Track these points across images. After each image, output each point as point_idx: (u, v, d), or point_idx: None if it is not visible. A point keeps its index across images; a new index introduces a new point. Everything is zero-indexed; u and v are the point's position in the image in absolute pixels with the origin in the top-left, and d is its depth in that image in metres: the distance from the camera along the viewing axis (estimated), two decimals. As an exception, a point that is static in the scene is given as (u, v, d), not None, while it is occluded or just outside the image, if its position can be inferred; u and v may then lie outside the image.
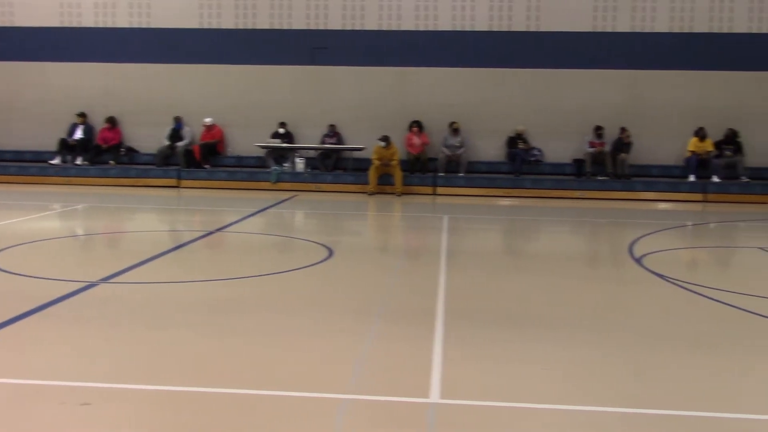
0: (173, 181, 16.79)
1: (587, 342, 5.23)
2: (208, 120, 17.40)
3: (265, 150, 17.20)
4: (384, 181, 16.26)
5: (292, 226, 12.62)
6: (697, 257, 9.93)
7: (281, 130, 17.33)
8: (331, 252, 8.69)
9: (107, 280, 6.92)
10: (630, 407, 4.00)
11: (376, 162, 16.16)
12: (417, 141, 16.95)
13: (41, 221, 11.49)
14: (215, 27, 17.66)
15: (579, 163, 16.82)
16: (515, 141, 17.02)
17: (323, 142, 17.39)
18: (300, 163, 16.97)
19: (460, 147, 16.88)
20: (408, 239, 11.20)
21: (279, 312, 6.02)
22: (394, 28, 17.36)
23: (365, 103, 17.48)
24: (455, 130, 16.91)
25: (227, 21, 17.64)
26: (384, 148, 16.23)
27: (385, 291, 6.91)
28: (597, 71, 17.01)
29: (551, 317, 5.97)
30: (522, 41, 17.12)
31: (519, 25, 17.14)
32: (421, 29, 17.31)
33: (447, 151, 16.84)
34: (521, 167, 16.76)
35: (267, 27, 17.58)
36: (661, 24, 16.91)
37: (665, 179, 16.61)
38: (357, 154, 17.01)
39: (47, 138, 17.58)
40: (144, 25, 17.77)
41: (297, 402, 4.01)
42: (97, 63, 17.83)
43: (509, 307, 6.31)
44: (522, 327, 5.63)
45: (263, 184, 16.61)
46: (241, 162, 17.58)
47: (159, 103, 17.67)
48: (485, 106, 17.24)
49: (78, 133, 17.59)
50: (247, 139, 17.43)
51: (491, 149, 17.31)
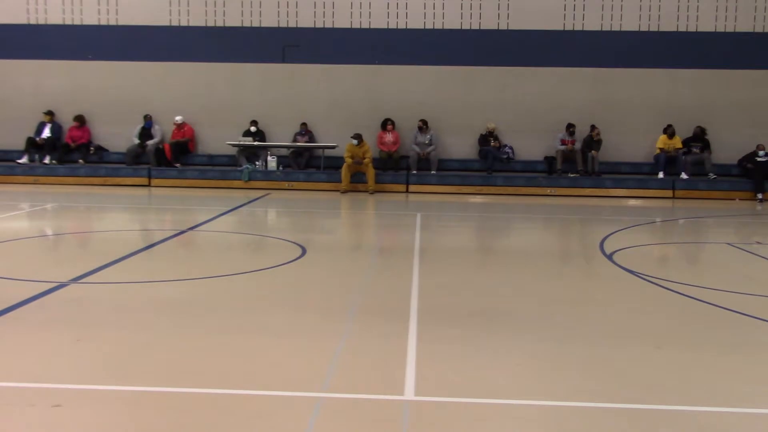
0: (144, 180, 16.63)
1: (559, 338, 5.27)
2: (178, 118, 17.26)
3: (237, 148, 17.10)
4: (356, 179, 16.25)
5: (264, 224, 12.57)
6: (667, 253, 10.06)
7: (253, 128, 17.25)
8: (304, 250, 8.67)
9: (77, 280, 6.84)
10: (594, 402, 4.04)
11: (348, 160, 16.15)
12: (389, 139, 16.97)
13: (9, 221, 11.31)
14: (185, 24, 17.52)
15: (550, 161, 16.96)
16: (487, 139, 17.11)
17: (295, 140, 17.34)
18: (272, 162, 16.91)
19: (429, 145, 16.93)
20: (381, 237, 11.20)
21: (252, 311, 5.99)
22: (365, 26, 17.35)
23: (337, 101, 17.47)
24: (422, 127, 16.96)
25: (197, 18, 17.51)
26: (356, 146, 16.22)
27: (359, 289, 6.91)
28: (567, 69, 17.16)
29: (523, 313, 6.02)
30: (492, 39, 17.21)
31: (490, 23, 17.23)
32: (392, 27, 17.33)
33: (417, 149, 16.88)
34: (493, 165, 16.84)
35: (237, 24, 17.49)
36: (630, 23, 17.09)
37: (635, 176, 16.80)
38: (329, 152, 16.99)
39: (14, 137, 17.32)
40: (113, 22, 17.58)
41: (272, 401, 4.00)
42: (65, 60, 17.61)
43: (481, 304, 6.34)
44: (494, 323, 5.66)
45: (235, 182, 16.52)
46: (213, 161, 17.48)
47: (128, 102, 17.49)
48: (456, 103, 17.32)
49: (46, 132, 17.36)
50: (219, 138, 17.33)
51: (463, 147, 17.39)
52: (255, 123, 17.29)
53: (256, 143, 17.07)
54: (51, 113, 17.42)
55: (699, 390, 4.31)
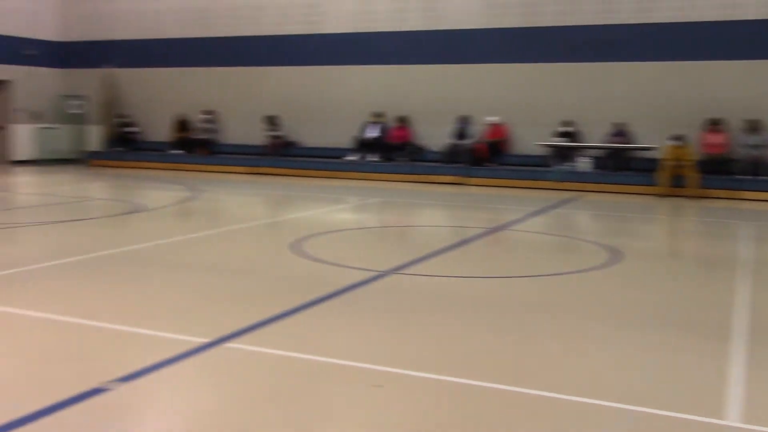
0: (458, 179, 17.22)
1: None
2: (493, 119, 17.60)
3: (549, 149, 16.99)
4: (677, 183, 15.26)
5: (576, 226, 12.32)
6: None
7: (565, 128, 17.00)
8: (617, 255, 8.34)
9: (397, 270, 7.27)
10: None
11: (668, 162, 15.22)
12: (716, 140, 15.66)
13: (337, 213, 12.43)
14: (501, 26, 17.79)
15: None
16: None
17: (608, 140, 16.75)
18: (585, 163, 16.52)
19: (762, 146, 15.29)
20: (703, 246, 10.39)
21: (561, 314, 5.89)
22: (693, 18, 16.19)
23: (655, 101, 16.53)
24: (754, 128, 15.36)
25: (513, 20, 17.68)
26: (677, 147, 15.22)
27: (676, 300, 6.47)
28: None
29: None
30: None
31: None
32: (721, 19, 15.95)
33: (747, 151, 15.35)
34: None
35: (552, 24, 17.34)
36: None
37: None
38: (645, 153, 16.15)
39: (343, 136, 18.95)
40: (434, 27, 18.44)
41: (576, 407, 3.89)
42: (390, 65, 18.85)
43: (826, 328, 5.58)
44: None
45: (547, 183, 16.42)
46: (525, 161, 17.54)
47: (446, 103, 18.23)
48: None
49: (372, 132, 18.74)
50: (531, 138, 17.35)
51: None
52: (567, 123, 17.03)
53: (568, 144, 16.80)
54: (380, 114, 18.76)
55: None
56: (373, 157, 18.48)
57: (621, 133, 16.64)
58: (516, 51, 17.68)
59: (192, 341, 4.83)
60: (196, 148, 20.29)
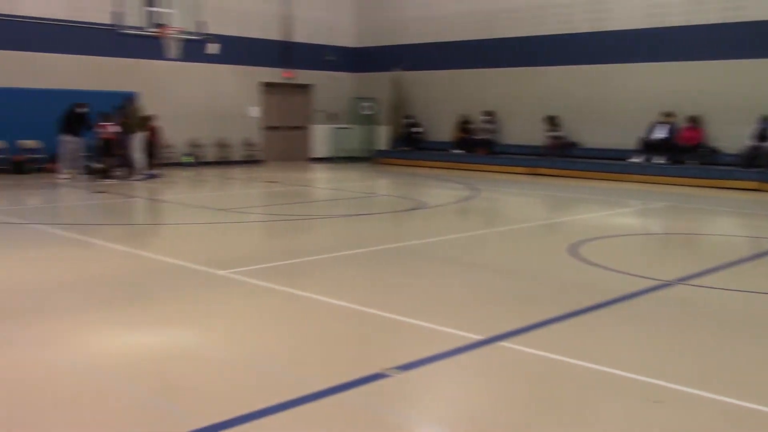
0: (759, 184, 15.69)
1: None
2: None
3: None
4: None
5: None
6: None
7: None
8: None
9: (683, 281, 6.81)
10: None
11: None
12: None
13: (619, 218, 11.93)
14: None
15: None
16: None
17: None
18: None
19: None
20: None
21: None
22: None
23: None
24: None
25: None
26: None
27: None
28: None
29: None
30: None
31: None
32: None
33: None
34: None
35: None
36: None
37: None
38: None
39: (626, 137, 18.13)
40: (736, 20, 16.95)
41: None
42: (683, 62, 17.67)
43: None
44: None
45: None
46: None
47: (747, 101, 16.67)
48: None
49: (660, 132, 17.72)
50: None
51: None
52: None
53: None
54: (669, 114, 17.68)
55: None
56: (660, 159, 17.48)
57: None
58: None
59: (467, 337, 4.93)
60: (476, 147, 20.68)
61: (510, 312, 5.73)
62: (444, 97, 21.96)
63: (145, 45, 18.18)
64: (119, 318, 5.48)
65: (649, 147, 17.69)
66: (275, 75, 22.00)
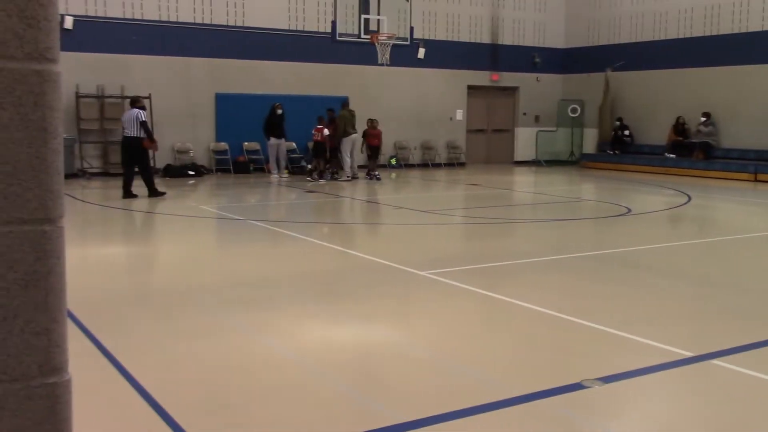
0: None
1: None
2: None
3: None
4: None
5: None
6: None
7: None
8: None
9: None
10: None
11: None
12: None
13: None
14: None
15: None
16: None
17: None
18: None
19: None
20: None
21: None
22: None
23: None
24: None
25: None
26: None
27: None
28: None
29: None
30: None
31: None
32: None
33: None
34: None
35: None
36: None
37: None
38: None
39: None
40: None
41: None
42: None
43: None
44: None
45: None
46: None
47: None
48: None
49: None
50: None
51: None
52: None
53: None
54: None
55: None
56: None
57: None
58: None
59: (676, 352, 4.67)
60: (692, 152, 19.47)
61: (724, 329, 5.36)
62: (658, 98, 20.88)
63: (357, 51, 18.96)
64: (328, 312, 5.77)
65: None
66: (480, 78, 22.07)
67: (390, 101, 20.26)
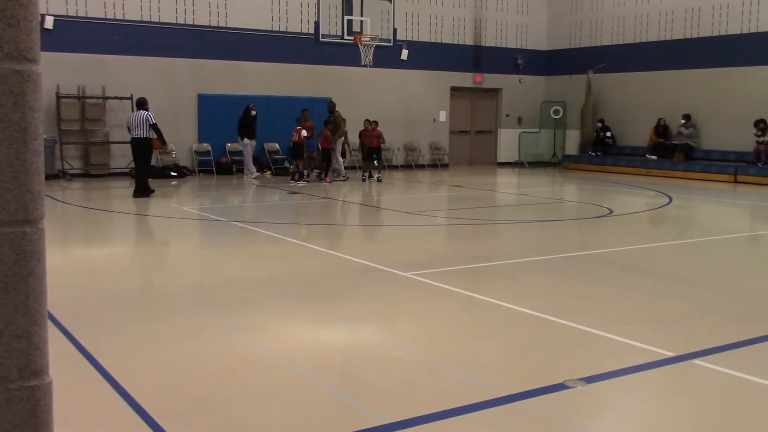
0: None
1: None
2: None
3: None
4: None
5: None
6: None
7: None
8: None
9: None
10: None
11: None
12: None
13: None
14: None
15: None
16: None
17: None
18: None
19: None
20: None
21: None
22: None
23: None
24: None
25: None
26: None
27: None
28: None
29: None
30: None
31: None
32: None
33: None
34: None
35: None
36: None
37: None
38: None
39: None
40: None
41: None
42: None
43: None
44: None
45: None
46: None
47: None
48: None
49: None
50: None
51: None
52: None
53: None
54: None
55: None
56: None
57: None
58: None
59: (657, 352, 4.70)
60: (673, 153, 19.62)
61: (706, 329, 5.40)
62: (639, 100, 21.02)
63: (340, 52, 18.94)
64: (312, 313, 5.76)
65: None
66: (463, 79, 22.11)
67: (373, 102, 20.25)
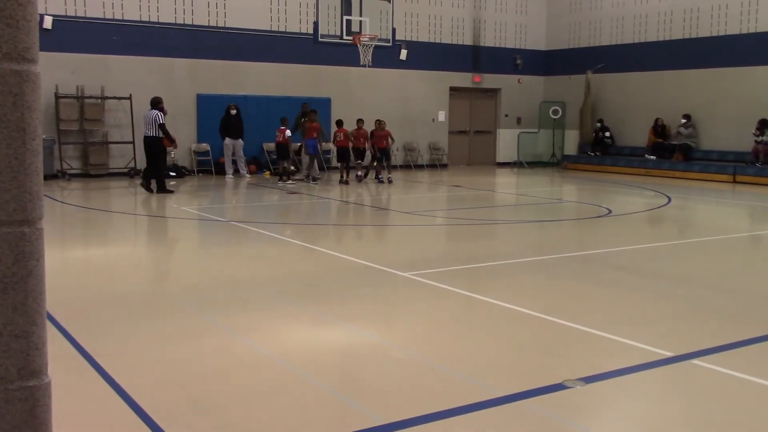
0: None
1: None
2: None
3: None
4: None
5: None
6: None
7: None
8: None
9: None
10: None
11: None
12: None
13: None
14: None
15: None
16: None
17: None
18: None
19: None
20: None
21: None
22: None
23: None
24: None
25: None
26: None
27: None
28: None
29: None
30: None
31: None
32: None
33: None
34: None
35: None
36: None
37: None
38: None
39: None
40: None
41: None
42: None
43: None
44: None
45: None
46: None
47: None
48: None
49: None
50: None
51: None
52: None
53: None
54: None
55: None
56: None
57: None
58: None
59: (656, 353, 4.70)
60: (672, 153, 19.62)
61: (704, 329, 5.40)
62: (638, 100, 21.03)
63: (339, 52, 18.94)
64: (309, 313, 5.76)
65: None
66: (462, 79, 22.12)
67: (372, 102, 20.25)
